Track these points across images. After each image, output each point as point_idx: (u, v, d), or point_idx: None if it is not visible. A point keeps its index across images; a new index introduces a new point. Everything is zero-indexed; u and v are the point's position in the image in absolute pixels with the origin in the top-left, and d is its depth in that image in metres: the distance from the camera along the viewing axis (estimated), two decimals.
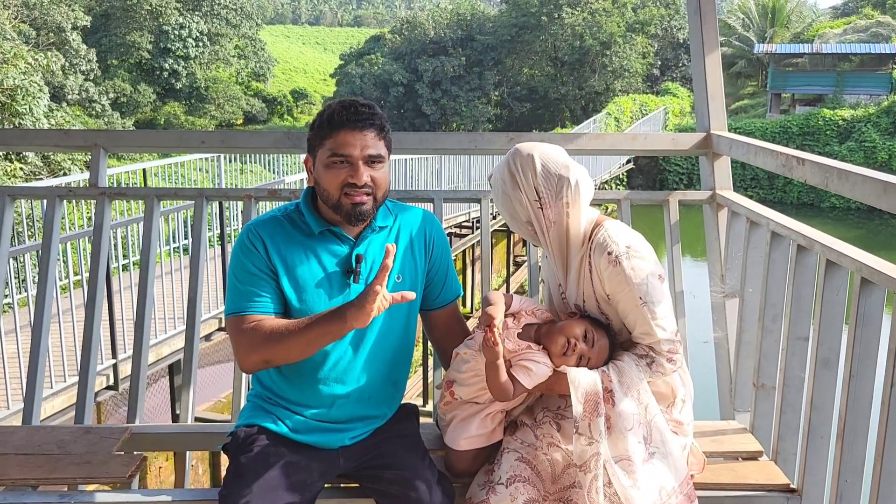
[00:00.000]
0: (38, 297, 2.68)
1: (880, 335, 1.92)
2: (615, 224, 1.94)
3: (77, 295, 5.80)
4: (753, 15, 37.36)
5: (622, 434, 1.84)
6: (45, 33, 23.93)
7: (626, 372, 1.89)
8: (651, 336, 1.88)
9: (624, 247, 1.86)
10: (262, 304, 1.88)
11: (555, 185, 1.91)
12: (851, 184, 1.98)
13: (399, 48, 37.95)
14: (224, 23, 34.26)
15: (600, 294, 1.92)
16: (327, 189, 1.86)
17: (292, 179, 9.08)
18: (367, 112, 1.85)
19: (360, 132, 1.83)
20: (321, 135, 1.86)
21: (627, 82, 35.32)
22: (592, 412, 1.83)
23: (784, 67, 31.37)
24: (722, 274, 2.75)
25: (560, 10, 35.01)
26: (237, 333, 1.87)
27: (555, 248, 1.96)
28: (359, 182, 1.83)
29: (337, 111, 1.85)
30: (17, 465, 2.11)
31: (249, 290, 1.88)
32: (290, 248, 1.92)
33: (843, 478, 1.96)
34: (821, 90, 29.27)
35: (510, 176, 1.94)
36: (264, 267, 1.89)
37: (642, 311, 1.86)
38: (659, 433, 1.89)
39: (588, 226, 1.94)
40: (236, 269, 1.92)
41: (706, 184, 2.91)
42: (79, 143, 3.02)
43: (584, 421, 1.83)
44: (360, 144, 1.83)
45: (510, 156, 1.97)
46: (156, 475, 6.65)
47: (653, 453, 1.87)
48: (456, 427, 2.00)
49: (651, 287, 1.85)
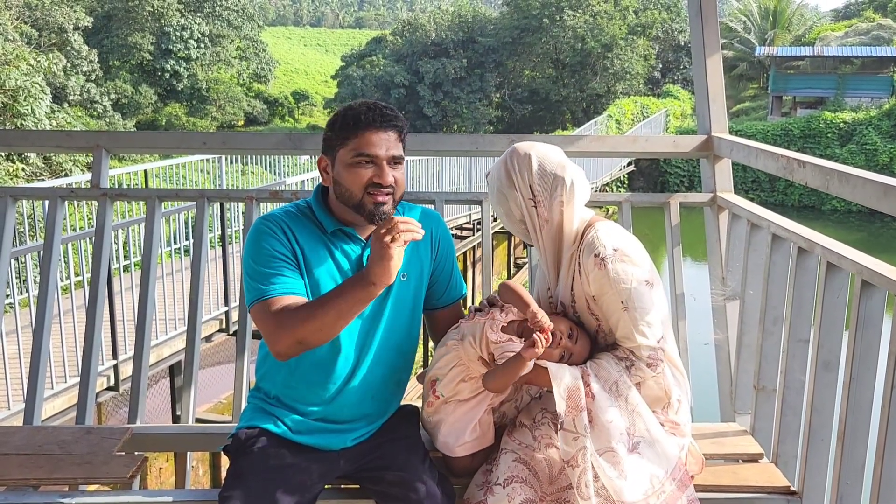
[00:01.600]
0: (40, 297, 2.68)
1: (881, 338, 1.92)
2: (607, 225, 1.94)
3: (78, 296, 5.80)
4: (755, 17, 37.37)
5: (604, 427, 1.83)
6: (47, 34, 23.95)
7: (603, 366, 1.89)
8: (631, 340, 1.87)
9: (611, 249, 1.86)
10: (286, 284, 1.83)
11: (550, 184, 1.92)
12: (852, 186, 1.98)
13: (400, 50, 37.98)
14: (226, 24, 34.27)
15: (588, 294, 1.92)
16: (350, 188, 1.86)
17: (293, 181, 9.09)
18: (391, 114, 1.87)
19: (385, 132, 1.85)
20: (344, 135, 1.86)
21: (629, 84, 35.32)
22: (575, 407, 1.84)
23: (785, 70, 31.36)
24: (723, 276, 2.76)
25: (562, 12, 35.03)
26: (265, 319, 1.80)
27: (547, 247, 1.97)
28: (384, 182, 1.84)
29: (363, 112, 1.85)
30: (19, 465, 2.11)
31: (271, 272, 1.83)
32: (308, 240, 1.91)
33: (844, 480, 1.96)
34: (822, 93, 29.26)
35: (506, 174, 1.95)
36: (286, 251, 1.87)
37: (624, 316, 1.86)
38: (643, 422, 1.87)
39: (581, 226, 1.94)
40: (255, 255, 1.87)
41: (707, 186, 2.91)
42: (81, 144, 3.02)
43: (568, 416, 1.84)
44: (385, 145, 1.85)
45: (508, 154, 1.98)
46: (156, 476, 6.65)
47: (637, 443, 1.85)
48: (447, 434, 1.99)
49: (636, 292, 1.84)
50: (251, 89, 38.18)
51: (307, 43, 65.76)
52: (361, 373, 1.95)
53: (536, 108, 37.18)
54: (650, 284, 1.87)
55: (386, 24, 68.29)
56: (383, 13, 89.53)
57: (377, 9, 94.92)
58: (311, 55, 59.85)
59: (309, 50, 62.27)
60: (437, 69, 35.99)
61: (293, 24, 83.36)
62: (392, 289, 1.96)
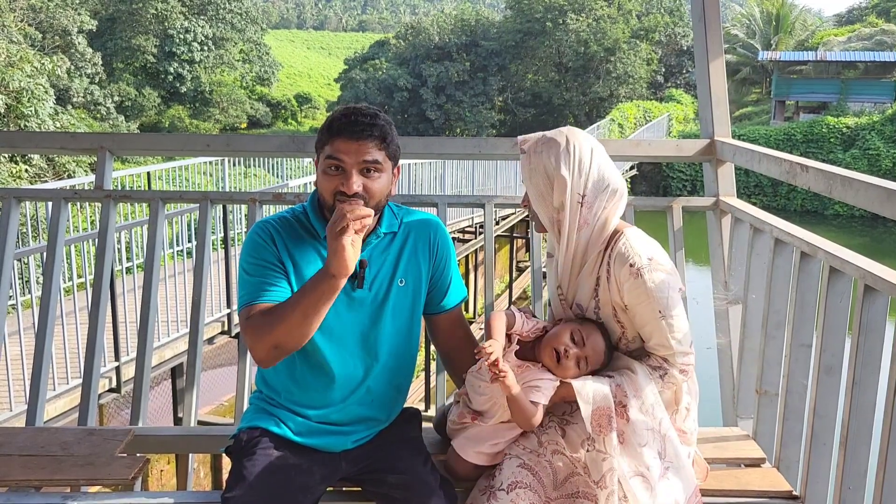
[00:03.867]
0: (43, 299, 2.68)
1: (883, 342, 1.92)
2: (636, 233, 1.91)
3: (81, 297, 5.81)
4: (758, 22, 37.38)
5: (636, 449, 1.81)
6: (51, 37, 23.99)
7: (642, 387, 1.86)
8: (666, 348, 1.86)
9: (646, 259, 1.83)
10: (272, 292, 1.85)
11: (602, 192, 1.88)
12: (855, 191, 1.98)
13: (403, 53, 38.05)
14: (229, 27, 34.33)
15: (617, 303, 1.89)
16: (322, 193, 1.88)
17: (296, 183, 9.10)
18: (366, 122, 1.82)
19: (356, 142, 1.81)
20: (322, 139, 1.87)
21: (631, 88, 35.35)
22: (606, 426, 1.81)
23: (788, 75, 31.37)
24: (725, 280, 2.75)
25: (565, 16, 35.08)
26: (243, 327, 1.84)
27: (574, 247, 1.91)
28: (348, 191, 1.81)
29: (337, 118, 1.85)
30: (21, 466, 2.11)
31: (259, 280, 1.87)
32: (299, 248, 1.92)
33: (846, 485, 1.96)
34: (825, 98, 29.26)
35: (565, 156, 1.86)
36: (275, 260, 1.89)
37: (660, 324, 1.84)
38: (672, 447, 1.86)
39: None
40: (246, 264, 1.91)
41: (710, 190, 2.91)
42: (85, 145, 3.03)
43: (598, 436, 1.82)
44: (354, 153, 1.81)
45: (570, 136, 1.88)
46: (158, 478, 6.66)
47: (667, 468, 1.85)
48: (468, 438, 1.99)
49: (671, 300, 1.83)
50: (254, 92, 38.27)
51: (310, 46, 65.91)
52: (362, 377, 1.95)
53: (539, 112, 37.21)
54: (681, 291, 1.87)
55: (389, 28, 68.40)
56: (386, 17, 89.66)
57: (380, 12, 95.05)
58: (314, 58, 59.96)
59: (312, 53, 62.40)
60: (440, 72, 36.04)
61: (296, 27, 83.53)
62: (390, 294, 1.96)
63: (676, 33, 38.48)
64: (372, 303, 1.95)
